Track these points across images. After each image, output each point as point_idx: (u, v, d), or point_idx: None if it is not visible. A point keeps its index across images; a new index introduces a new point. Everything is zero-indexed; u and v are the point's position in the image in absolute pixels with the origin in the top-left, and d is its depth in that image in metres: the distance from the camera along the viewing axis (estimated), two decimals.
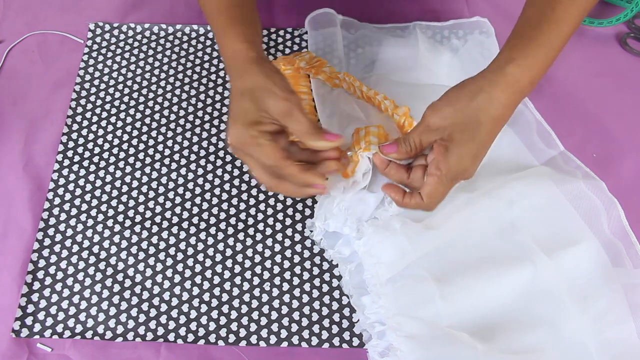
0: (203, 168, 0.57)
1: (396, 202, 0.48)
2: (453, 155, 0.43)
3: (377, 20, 0.67)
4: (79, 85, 0.62)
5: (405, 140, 0.46)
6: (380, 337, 0.46)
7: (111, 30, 0.66)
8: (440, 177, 0.44)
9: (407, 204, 0.47)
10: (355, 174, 0.49)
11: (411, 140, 0.45)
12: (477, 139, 0.43)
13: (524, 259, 0.47)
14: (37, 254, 0.52)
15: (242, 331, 0.49)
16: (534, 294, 0.47)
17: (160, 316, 0.50)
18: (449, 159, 0.43)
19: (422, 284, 0.46)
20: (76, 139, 0.58)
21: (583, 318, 0.46)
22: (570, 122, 0.60)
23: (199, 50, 0.65)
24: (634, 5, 0.63)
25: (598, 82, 0.63)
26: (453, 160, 0.43)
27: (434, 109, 0.44)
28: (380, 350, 0.45)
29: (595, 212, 0.51)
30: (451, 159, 0.43)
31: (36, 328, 0.49)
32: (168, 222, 0.54)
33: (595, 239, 0.50)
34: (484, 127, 0.43)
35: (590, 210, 0.51)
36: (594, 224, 0.51)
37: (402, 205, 0.47)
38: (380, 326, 0.46)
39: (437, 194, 0.45)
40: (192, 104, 0.61)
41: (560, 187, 0.52)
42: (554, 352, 0.45)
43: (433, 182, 0.44)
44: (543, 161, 0.55)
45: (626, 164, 0.58)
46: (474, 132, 0.43)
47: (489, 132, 0.43)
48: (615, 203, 0.51)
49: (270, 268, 0.52)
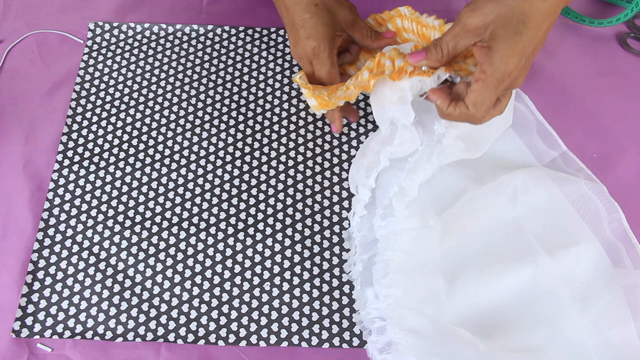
0: (203, 168, 0.57)
1: (440, 110, 0.43)
2: (497, 54, 0.39)
3: None
4: (79, 85, 0.62)
5: (436, 44, 0.42)
6: (381, 332, 0.46)
7: (111, 30, 0.66)
8: (486, 80, 0.40)
9: (450, 114, 0.43)
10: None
11: (444, 44, 0.42)
12: (525, 35, 0.38)
13: (526, 258, 0.48)
14: (37, 254, 0.52)
15: (242, 331, 0.49)
16: (535, 293, 0.47)
17: (160, 316, 0.50)
18: (494, 58, 0.39)
19: (431, 279, 0.46)
20: (76, 139, 0.58)
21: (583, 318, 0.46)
22: (570, 122, 0.60)
23: (199, 50, 0.65)
24: (634, 5, 0.62)
25: (598, 82, 0.63)
26: (498, 60, 0.39)
27: (472, 8, 0.40)
28: (379, 347, 0.45)
29: (596, 214, 0.51)
30: (495, 58, 0.39)
31: (36, 328, 0.49)
32: (168, 222, 0.54)
33: (596, 240, 0.50)
34: (532, 21, 0.38)
35: (591, 212, 0.51)
36: (594, 225, 0.51)
37: (445, 115, 0.43)
38: (381, 322, 0.46)
39: (483, 101, 0.40)
40: (192, 104, 0.61)
41: (562, 188, 0.52)
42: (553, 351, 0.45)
43: (478, 87, 0.40)
44: (544, 163, 0.55)
45: (626, 164, 0.58)
46: (520, 27, 0.38)
47: (536, 27, 0.39)
48: (616, 207, 0.51)
49: (270, 268, 0.52)
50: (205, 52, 0.64)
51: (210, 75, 0.63)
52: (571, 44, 0.66)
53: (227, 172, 0.57)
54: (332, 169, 0.57)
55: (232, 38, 0.65)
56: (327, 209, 0.55)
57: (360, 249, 0.50)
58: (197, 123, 0.60)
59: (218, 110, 0.61)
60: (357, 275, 0.49)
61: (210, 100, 0.61)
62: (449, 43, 0.41)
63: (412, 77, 0.44)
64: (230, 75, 0.63)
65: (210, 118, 0.60)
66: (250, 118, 0.60)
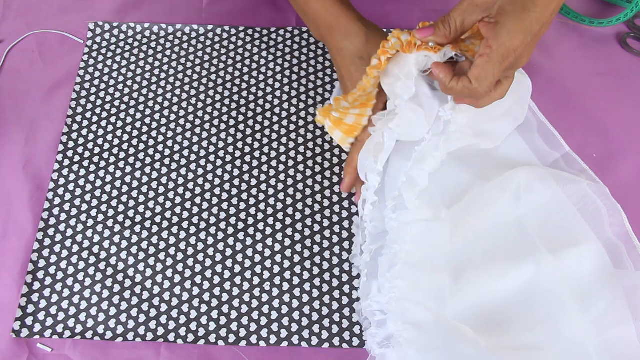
0: (203, 168, 0.57)
1: (442, 85, 0.43)
2: (504, 29, 0.39)
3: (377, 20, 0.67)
4: (79, 85, 0.62)
5: (444, 20, 0.42)
6: (380, 326, 0.45)
7: (111, 30, 0.66)
8: (490, 55, 0.39)
9: (453, 88, 0.42)
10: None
11: (452, 19, 0.41)
12: (532, 13, 0.38)
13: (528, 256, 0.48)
14: (37, 254, 0.52)
15: (242, 331, 0.49)
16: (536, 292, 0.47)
17: (160, 316, 0.50)
18: (500, 33, 0.39)
19: (437, 275, 0.46)
20: (76, 139, 0.58)
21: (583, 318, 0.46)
22: (570, 122, 0.60)
23: (199, 50, 0.65)
24: (634, 5, 0.62)
25: (598, 82, 0.63)
26: (504, 35, 0.39)
27: None
28: (378, 341, 0.45)
29: (597, 214, 0.51)
30: (502, 33, 0.39)
31: (36, 328, 0.49)
32: (168, 222, 0.54)
33: (597, 240, 0.50)
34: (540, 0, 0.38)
35: (593, 212, 0.51)
36: (596, 225, 0.51)
37: (447, 89, 0.43)
38: (382, 315, 0.46)
39: (486, 75, 0.40)
40: (192, 104, 0.61)
41: (564, 188, 0.52)
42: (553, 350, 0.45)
43: (482, 62, 0.40)
44: (547, 164, 0.55)
45: (626, 164, 0.58)
46: (528, 4, 0.38)
47: (544, 6, 0.39)
48: (618, 208, 0.51)
49: (270, 268, 0.52)
50: (205, 52, 0.64)
51: (210, 75, 0.63)
52: (571, 43, 0.66)
53: (227, 172, 0.57)
54: (332, 169, 0.57)
55: (232, 38, 0.65)
56: (327, 209, 0.55)
57: (370, 239, 0.49)
58: (197, 123, 0.60)
59: (218, 110, 0.61)
60: (364, 266, 0.49)
61: (210, 100, 0.61)
62: (457, 19, 0.41)
63: (419, 52, 0.44)
64: (230, 75, 0.63)
65: (210, 118, 0.60)
66: (250, 118, 0.60)
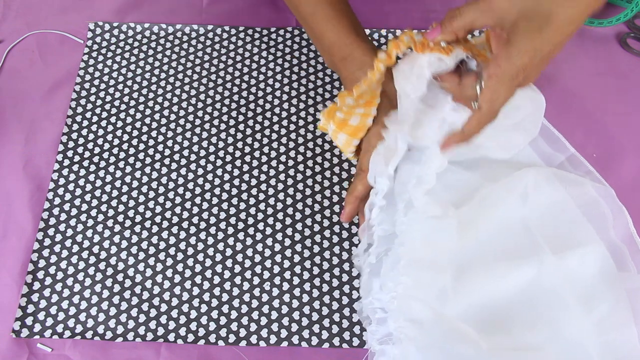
0: (203, 168, 0.57)
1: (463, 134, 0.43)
2: (515, 47, 0.38)
3: (377, 21, 0.67)
4: (79, 85, 0.62)
5: (453, 17, 0.41)
6: (381, 323, 0.45)
7: (111, 30, 0.66)
8: (501, 76, 0.39)
9: (472, 132, 0.42)
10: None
11: (463, 14, 0.40)
12: (545, 33, 0.37)
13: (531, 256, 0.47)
14: (37, 254, 0.52)
15: (242, 331, 0.49)
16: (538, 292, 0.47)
17: (160, 316, 0.50)
18: (511, 51, 0.38)
19: (441, 274, 0.46)
20: (76, 139, 0.58)
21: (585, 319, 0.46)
22: (570, 122, 0.60)
23: (199, 50, 0.65)
24: (634, 5, 0.63)
25: (598, 82, 0.63)
26: (515, 53, 0.38)
27: None
28: (378, 337, 0.45)
29: (602, 216, 0.51)
30: (513, 51, 0.38)
31: (36, 328, 0.49)
32: (168, 222, 0.54)
33: (601, 243, 0.49)
34: (555, 22, 0.37)
35: (597, 214, 0.51)
36: (600, 227, 0.50)
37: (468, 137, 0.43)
38: (383, 313, 0.46)
39: (497, 97, 0.40)
40: (192, 104, 0.61)
41: (569, 189, 0.51)
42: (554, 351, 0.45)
43: (493, 83, 0.39)
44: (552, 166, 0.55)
45: (626, 164, 0.58)
46: (542, 24, 0.37)
47: (558, 29, 0.38)
48: (623, 211, 0.51)
49: (270, 268, 0.52)
50: (205, 52, 0.64)
51: (210, 75, 0.63)
52: (571, 44, 0.66)
53: (227, 172, 0.57)
54: (332, 169, 0.57)
55: (232, 38, 0.65)
56: (327, 209, 0.55)
57: (378, 242, 0.49)
58: (197, 123, 0.60)
59: (218, 110, 0.61)
60: (367, 266, 0.49)
61: (210, 100, 0.61)
62: (468, 16, 0.40)
63: (432, 53, 0.44)
64: (230, 75, 0.63)
65: (210, 118, 0.60)
66: (250, 118, 0.60)
